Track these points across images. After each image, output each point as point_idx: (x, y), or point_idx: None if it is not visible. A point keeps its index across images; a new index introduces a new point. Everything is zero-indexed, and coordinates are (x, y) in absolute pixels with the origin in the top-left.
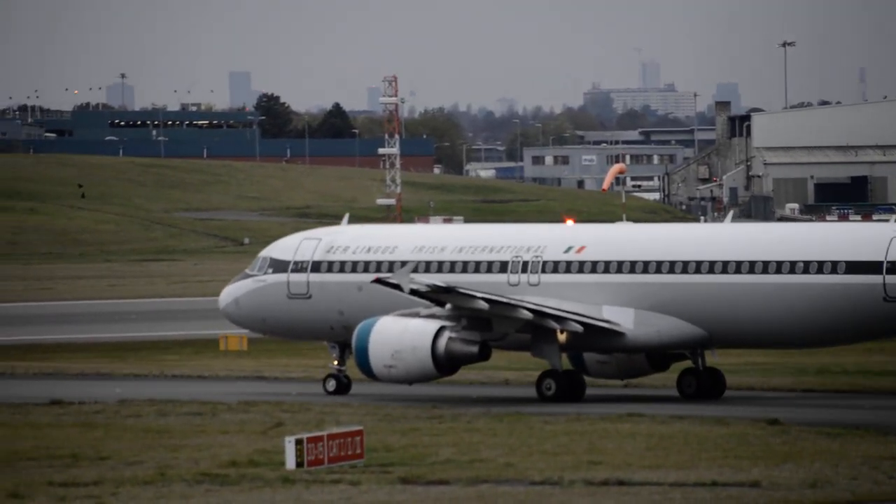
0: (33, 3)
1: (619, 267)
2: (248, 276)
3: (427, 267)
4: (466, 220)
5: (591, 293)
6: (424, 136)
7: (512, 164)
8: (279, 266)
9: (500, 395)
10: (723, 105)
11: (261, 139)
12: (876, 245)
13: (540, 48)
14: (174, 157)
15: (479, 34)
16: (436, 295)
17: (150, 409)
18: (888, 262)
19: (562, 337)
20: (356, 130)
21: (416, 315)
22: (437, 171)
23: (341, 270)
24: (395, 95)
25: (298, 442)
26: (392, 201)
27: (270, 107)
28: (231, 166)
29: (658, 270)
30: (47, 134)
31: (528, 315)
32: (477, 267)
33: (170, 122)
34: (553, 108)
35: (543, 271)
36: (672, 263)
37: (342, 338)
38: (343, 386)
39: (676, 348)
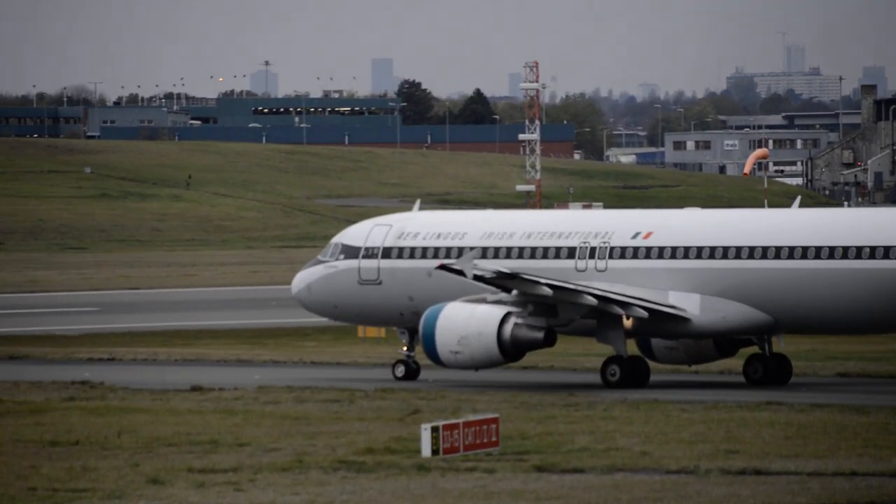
0: None
1: (686, 253)
2: (321, 262)
3: (496, 253)
4: (606, 206)
5: (658, 279)
6: (565, 122)
7: (653, 150)
8: (350, 252)
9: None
10: (868, 88)
11: (402, 125)
12: None
13: (682, 33)
14: (316, 143)
15: (621, 19)
16: (501, 281)
17: (289, 395)
18: None
19: (628, 323)
20: (497, 116)
21: (483, 301)
22: (577, 156)
23: (411, 256)
24: (536, 81)
25: (434, 429)
26: (532, 187)
27: (412, 93)
28: (372, 153)
29: (724, 256)
30: (192, 121)
31: (593, 301)
32: (545, 253)
33: (312, 109)
34: (695, 92)
35: (611, 257)
36: (738, 249)
37: (412, 324)
38: (412, 371)
39: (742, 334)
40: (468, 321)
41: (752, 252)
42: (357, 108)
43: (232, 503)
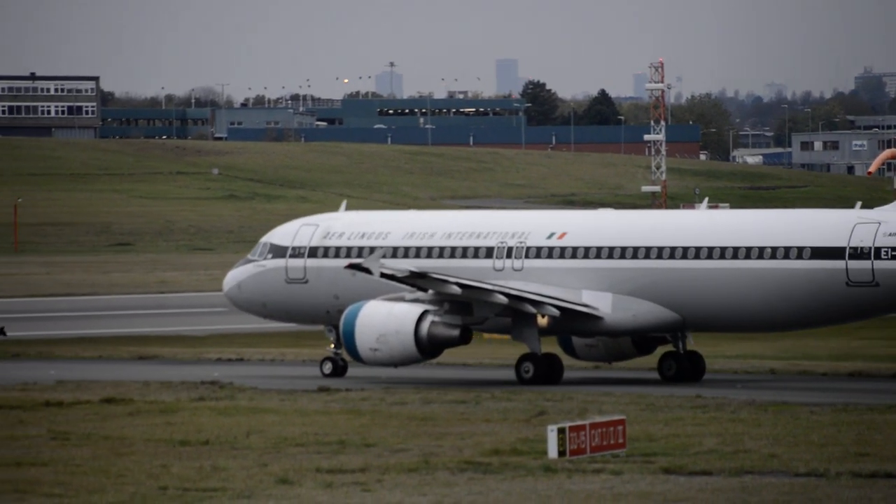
0: None
1: (598, 253)
2: (250, 261)
3: (417, 252)
4: (733, 207)
5: (572, 278)
6: (690, 123)
7: (780, 150)
8: (278, 251)
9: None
10: None
11: (527, 126)
12: (839, 231)
13: (810, 32)
14: (441, 144)
15: (746, 18)
16: (412, 280)
17: (415, 396)
18: (851, 247)
19: (542, 321)
20: (622, 117)
21: (402, 300)
22: (703, 157)
23: (336, 256)
24: (662, 81)
25: (561, 431)
26: (657, 188)
27: (537, 94)
28: (497, 154)
29: (634, 256)
30: (318, 122)
31: (503, 300)
32: (464, 252)
33: (437, 111)
34: (823, 92)
35: (527, 257)
36: (648, 249)
37: (338, 321)
38: (339, 368)
39: (652, 332)
40: (387, 319)
41: (660, 252)
42: (482, 109)
43: (359, 503)
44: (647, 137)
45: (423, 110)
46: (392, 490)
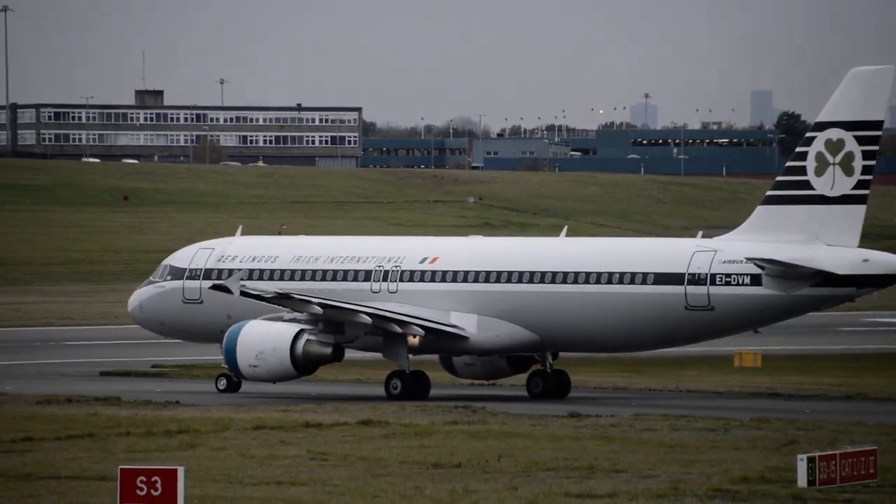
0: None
1: (466, 276)
2: (152, 282)
3: (303, 275)
4: None
5: (442, 300)
6: None
7: None
8: (177, 273)
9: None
10: None
11: (780, 157)
12: (679, 259)
13: None
14: (693, 174)
15: None
16: (277, 300)
17: (665, 423)
18: (689, 274)
19: (414, 340)
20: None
21: (281, 319)
22: None
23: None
24: None
25: (811, 460)
26: None
27: (791, 125)
28: (750, 184)
29: (498, 280)
30: (572, 152)
31: (367, 319)
32: (345, 276)
33: (690, 141)
34: None
35: (401, 280)
36: (510, 274)
37: None
38: (234, 384)
39: (514, 351)
40: (265, 337)
41: (521, 277)
42: (735, 140)
43: None
44: None
45: (677, 141)
46: None
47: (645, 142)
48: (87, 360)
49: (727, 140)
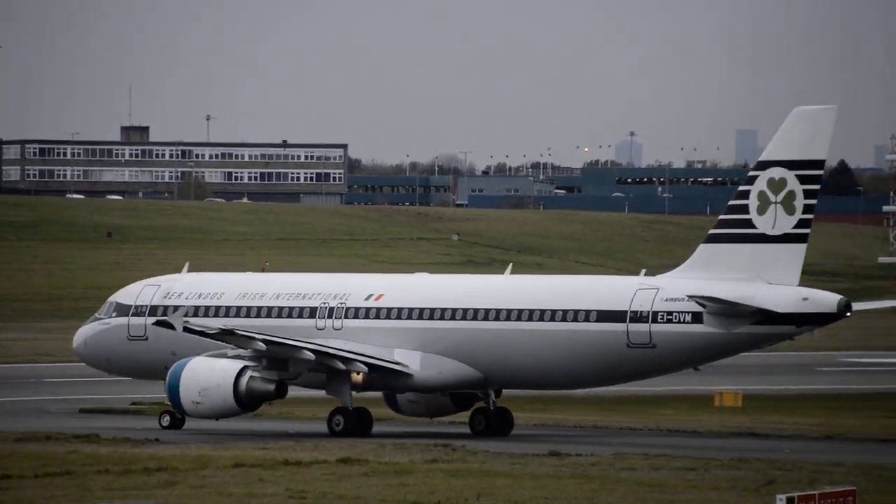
0: (545, 63)
1: (410, 314)
2: (98, 318)
3: (248, 312)
4: None
5: (386, 337)
6: None
7: None
8: (123, 310)
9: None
10: None
11: None
12: (622, 296)
13: None
14: (678, 213)
15: None
16: (221, 336)
17: (645, 462)
18: (632, 311)
19: (357, 377)
20: (860, 188)
21: (224, 356)
22: None
23: None
24: None
25: (790, 500)
26: (895, 259)
27: None
28: None
29: (441, 317)
30: (557, 190)
31: (311, 356)
32: (290, 312)
33: (675, 179)
34: None
35: (346, 317)
36: (454, 311)
37: None
38: (177, 421)
39: (458, 388)
40: (209, 374)
41: (464, 314)
42: (720, 179)
43: None
44: (885, 209)
45: (662, 179)
46: None
47: (629, 180)
48: (67, 396)
49: (711, 179)
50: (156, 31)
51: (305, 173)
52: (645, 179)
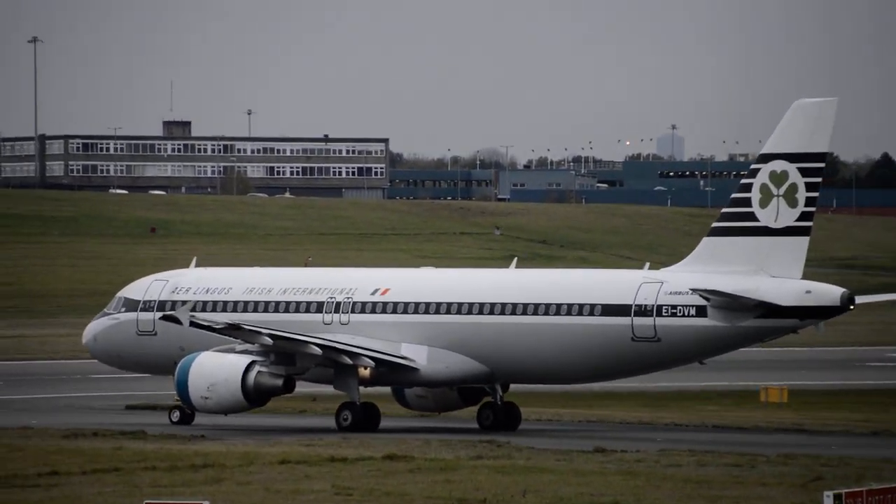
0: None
1: (416, 308)
2: (107, 314)
3: (256, 307)
4: None
5: (392, 332)
6: None
7: None
8: (131, 305)
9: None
10: None
11: None
12: (626, 290)
13: None
14: (720, 206)
15: None
16: (227, 331)
17: (691, 458)
18: (636, 305)
19: (365, 372)
20: None
21: (233, 350)
22: None
23: None
24: None
25: (837, 497)
26: None
27: None
28: None
29: (448, 312)
30: (599, 184)
31: (317, 351)
32: (297, 307)
33: (717, 173)
34: None
35: (353, 311)
36: (460, 305)
37: None
38: (187, 416)
39: (464, 383)
40: (217, 369)
41: (471, 308)
42: None
43: None
44: None
45: (704, 173)
46: None
47: (672, 174)
48: (113, 393)
49: None
50: (197, 25)
51: (347, 168)
52: (687, 173)
